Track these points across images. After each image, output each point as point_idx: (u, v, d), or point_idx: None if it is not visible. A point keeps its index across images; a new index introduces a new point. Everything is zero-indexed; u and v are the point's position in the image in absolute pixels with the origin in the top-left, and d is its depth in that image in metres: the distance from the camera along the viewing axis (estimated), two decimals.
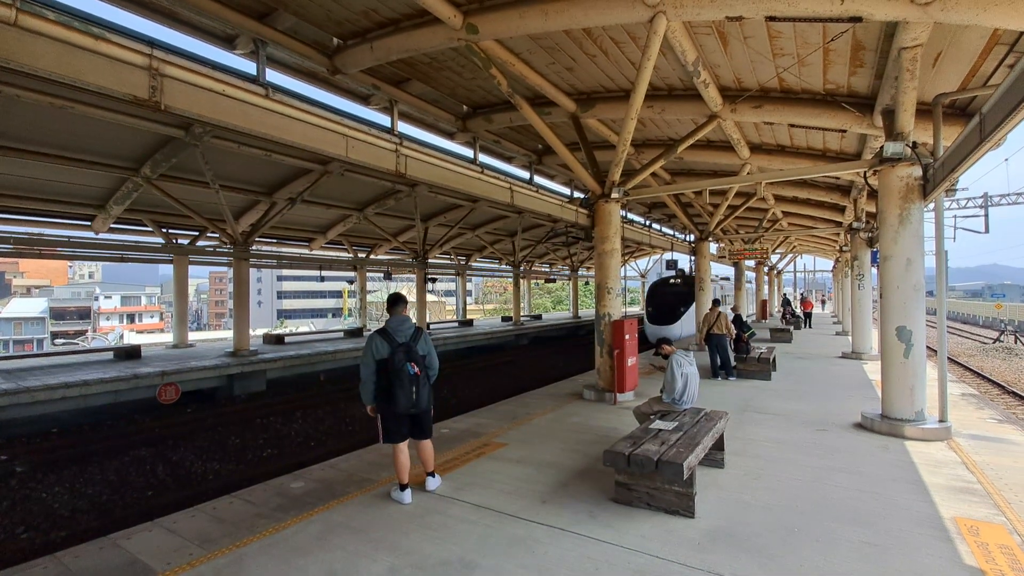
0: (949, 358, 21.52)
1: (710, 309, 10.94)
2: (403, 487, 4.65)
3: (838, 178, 13.02)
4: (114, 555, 3.79)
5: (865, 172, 7.11)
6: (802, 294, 39.81)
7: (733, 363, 10.68)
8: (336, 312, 67.16)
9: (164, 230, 15.07)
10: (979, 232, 24.00)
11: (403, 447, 4.65)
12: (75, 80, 4.63)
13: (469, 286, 39.60)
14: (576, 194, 15.23)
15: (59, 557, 3.76)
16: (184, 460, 9.22)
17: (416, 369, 4.47)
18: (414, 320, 4.90)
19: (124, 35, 5.01)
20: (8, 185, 10.64)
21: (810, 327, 25.03)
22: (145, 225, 14.55)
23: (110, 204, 11.79)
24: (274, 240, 18.17)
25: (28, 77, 4.76)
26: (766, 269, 33.88)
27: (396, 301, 4.79)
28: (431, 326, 25.33)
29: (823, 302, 57.78)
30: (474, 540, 3.90)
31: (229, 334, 20.01)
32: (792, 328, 19.63)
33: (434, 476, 4.93)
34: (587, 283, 48.65)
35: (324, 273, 20.58)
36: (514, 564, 3.54)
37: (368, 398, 4.60)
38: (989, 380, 17.69)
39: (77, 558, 3.74)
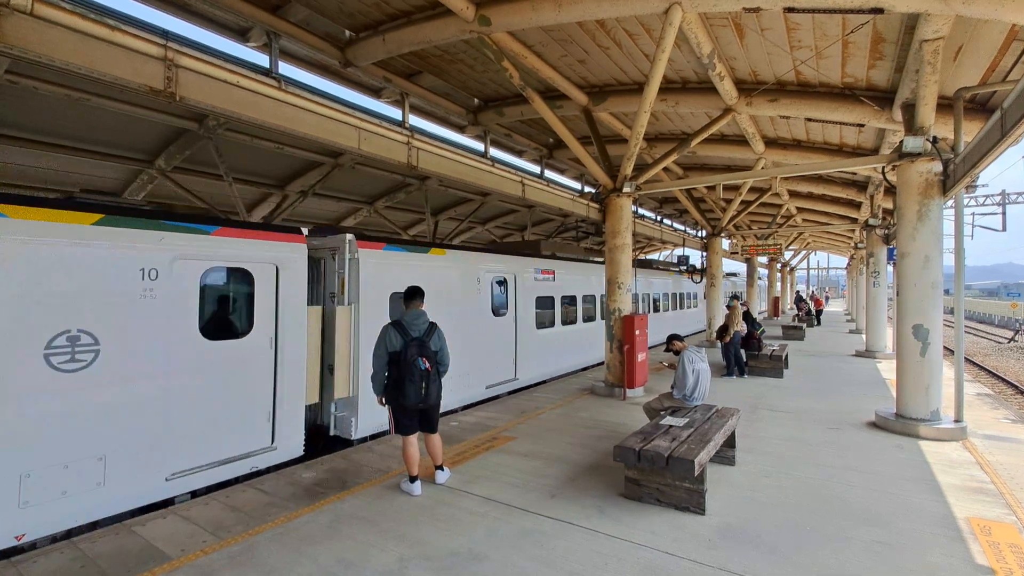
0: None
1: (733, 308, 10.92)
2: (413, 479, 4.68)
3: (854, 173, 12.83)
4: (129, 541, 3.85)
5: (883, 167, 7.00)
6: (813, 291, 39.43)
7: (744, 359, 10.69)
8: None
9: None
10: (996, 230, 23.62)
11: (413, 439, 4.67)
12: (91, 71, 4.64)
13: None
14: (587, 189, 15.13)
15: (76, 543, 3.83)
16: None
17: (427, 365, 4.46)
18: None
19: (139, 26, 5.04)
20: (26, 176, 10.76)
21: (819, 324, 24.76)
22: None
23: (125, 195, 11.87)
24: None
25: (45, 68, 4.79)
26: (779, 266, 33.55)
27: (413, 295, 4.76)
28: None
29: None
30: (483, 532, 3.92)
31: None
32: (804, 326, 19.44)
33: (443, 469, 4.95)
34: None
35: None
36: (523, 557, 3.55)
37: (378, 389, 4.61)
38: (1004, 380, 17.43)
39: (94, 544, 3.81)
